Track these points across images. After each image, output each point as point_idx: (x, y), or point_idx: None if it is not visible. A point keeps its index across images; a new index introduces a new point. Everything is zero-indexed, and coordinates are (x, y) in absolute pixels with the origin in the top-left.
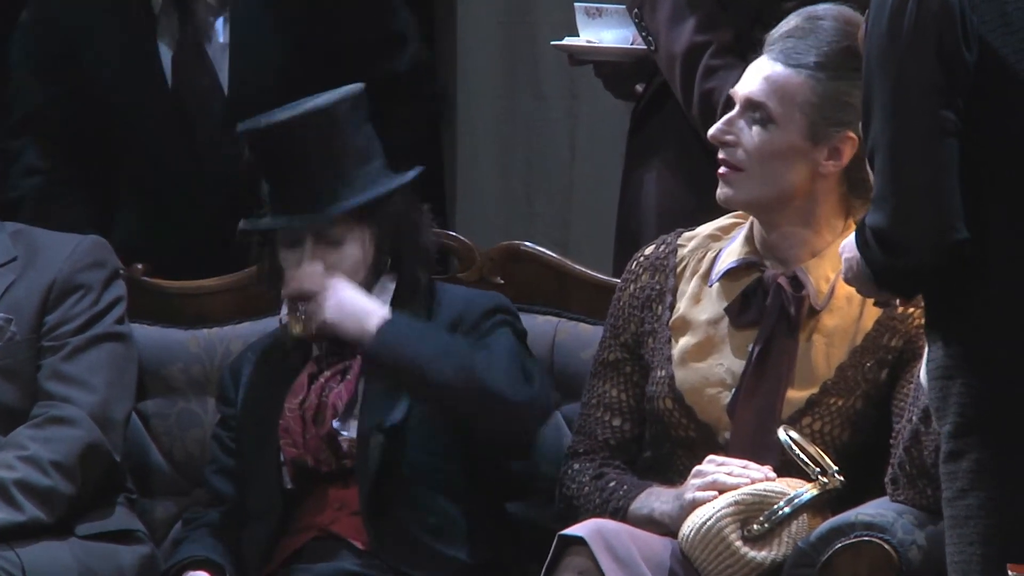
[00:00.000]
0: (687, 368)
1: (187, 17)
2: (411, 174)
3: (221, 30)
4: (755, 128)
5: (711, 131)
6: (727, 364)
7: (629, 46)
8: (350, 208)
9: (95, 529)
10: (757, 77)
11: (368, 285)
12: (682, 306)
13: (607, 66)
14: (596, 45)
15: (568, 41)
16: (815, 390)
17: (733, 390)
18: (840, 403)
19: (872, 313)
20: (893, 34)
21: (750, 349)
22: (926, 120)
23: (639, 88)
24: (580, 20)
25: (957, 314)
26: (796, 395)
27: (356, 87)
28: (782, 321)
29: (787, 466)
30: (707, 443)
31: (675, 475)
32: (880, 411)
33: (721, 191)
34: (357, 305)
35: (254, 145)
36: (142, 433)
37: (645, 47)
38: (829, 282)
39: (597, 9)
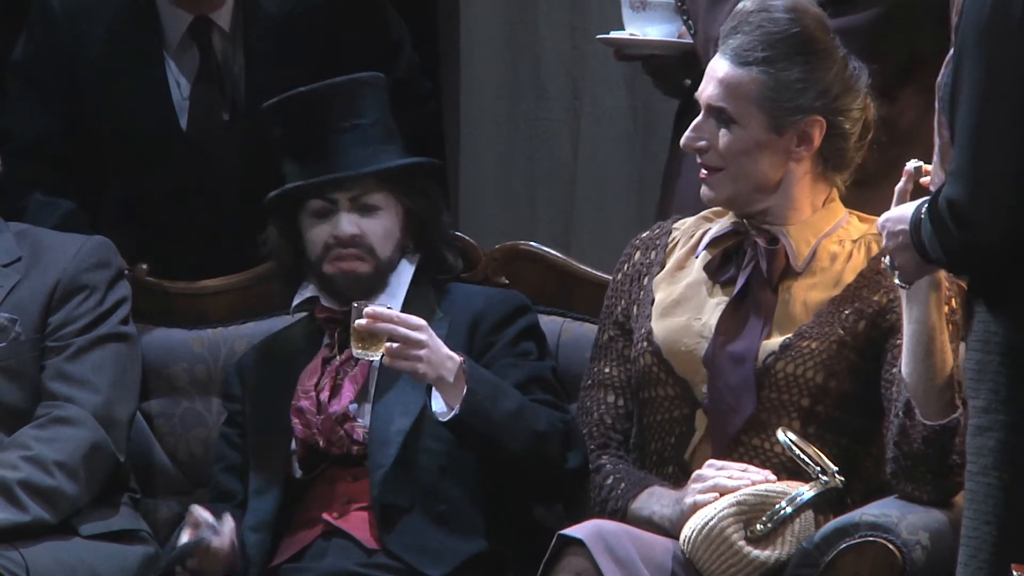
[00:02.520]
0: (664, 321)
1: (207, 50)
2: (436, 160)
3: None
4: (721, 130)
5: (682, 141)
6: (704, 319)
7: (673, 39)
8: (393, 167)
9: (99, 529)
10: (712, 80)
11: (394, 262)
12: (666, 271)
13: (654, 60)
14: (642, 38)
15: (614, 35)
16: (790, 335)
17: (709, 341)
18: (814, 346)
19: (854, 268)
20: (996, 17)
21: (725, 302)
22: (1016, 106)
23: (688, 82)
24: (625, 14)
25: (1010, 292)
26: (771, 342)
27: (382, 75)
28: (757, 275)
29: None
30: (686, 400)
31: (660, 444)
32: (858, 357)
33: (703, 193)
34: (439, 354)
35: (288, 113)
36: (146, 433)
37: (691, 41)
38: (810, 245)
39: (642, 3)
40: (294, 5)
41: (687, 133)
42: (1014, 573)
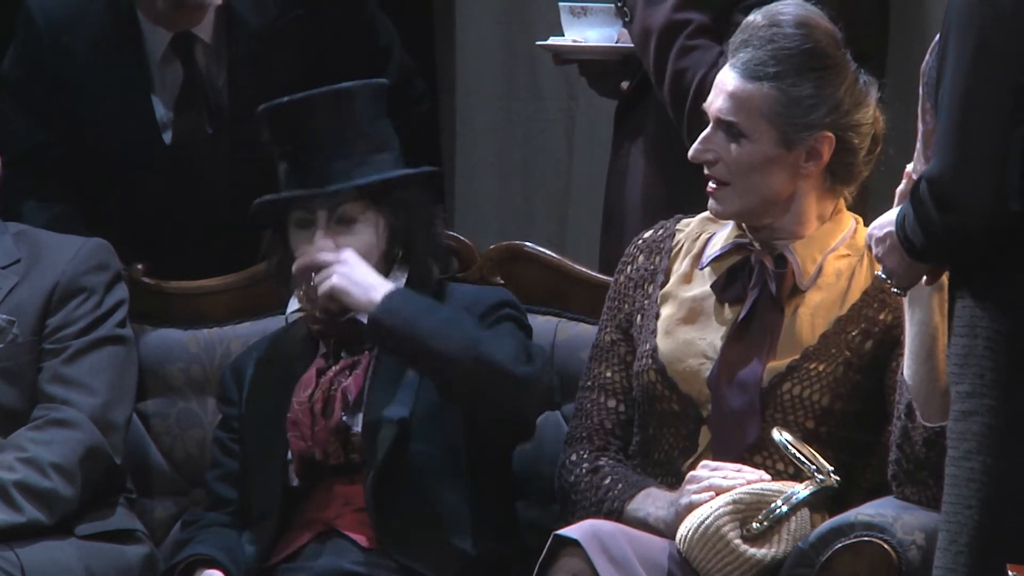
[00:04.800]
0: (669, 339)
1: (191, 64)
2: (427, 168)
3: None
4: (731, 144)
5: (691, 153)
6: (709, 338)
7: (614, 44)
8: (364, 184)
9: (95, 529)
10: (722, 94)
11: (380, 273)
12: (671, 283)
13: (592, 64)
14: (581, 44)
15: (553, 41)
16: (796, 356)
17: (713, 362)
18: (821, 368)
19: (859, 286)
20: (987, 2)
21: (731, 321)
22: (1004, 87)
23: (624, 85)
24: (565, 19)
25: (1000, 278)
26: (777, 364)
27: (379, 81)
28: (765, 296)
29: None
30: (690, 417)
31: (662, 455)
32: (864, 378)
33: (711, 206)
34: (366, 277)
35: (273, 123)
36: (142, 433)
37: (630, 45)
38: (816, 263)
39: (582, 8)
40: (276, 16)
41: (695, 145)
42: (1010, 573)
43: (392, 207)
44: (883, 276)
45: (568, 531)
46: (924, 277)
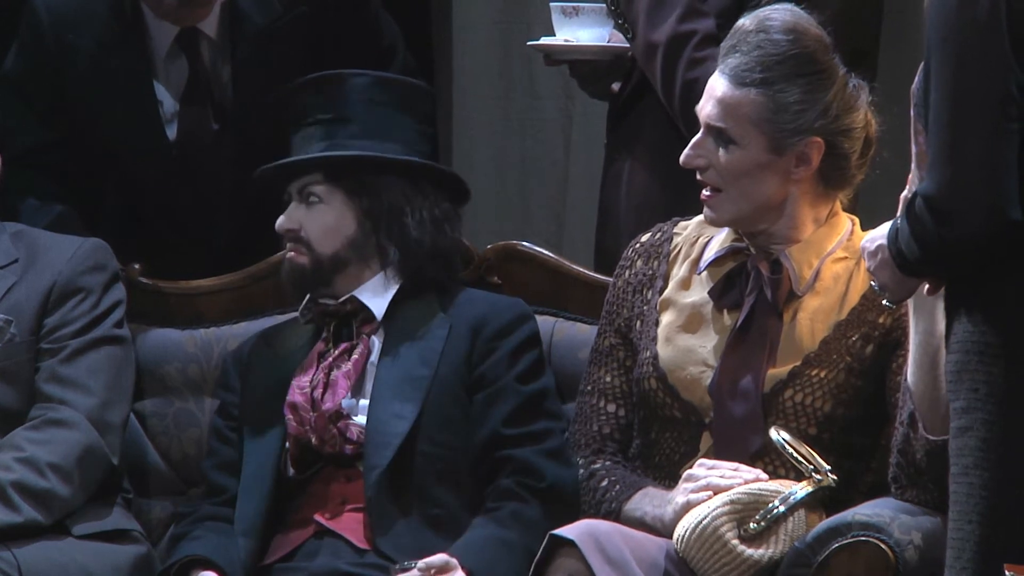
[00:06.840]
0: (670, 346)
1: (196, 60)
2: (405, 157)
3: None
4: (721, 150)
5: (682, 158)
6: (709, 345)
7: (606, 44)
8: (319, 157)
9: (92, 529)
10: (712, 99)
11: (346, 261)
12: (670, 289)
13: (583, 65)
14: (573, 44)
15: (545, 40)
16: (797, 363)
17: (714, 370)
18: (823, 375)
19: (858, 289)
20: (964, 12)
21: (730, 328)
22: (990, 96)
23: (615, 87)
24: (556, 19)
25: (989, 292)
26: (778, 371)
27: (424, 87)
28: (761, 302)
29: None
30: (691, 422)
31: (663, 459)
32: (865, 383)
33: (705, 214)
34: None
35: (281, 107)
36: (139, 433)
37: (622, 45)
38: (812, 267)
39: (574, 8)
40: (280, 14)
41: (686, 151)
42: (1007, 573)
43: (358, 192)
44: (876, 288)
45: (564, 531)
46: (926, 287)
